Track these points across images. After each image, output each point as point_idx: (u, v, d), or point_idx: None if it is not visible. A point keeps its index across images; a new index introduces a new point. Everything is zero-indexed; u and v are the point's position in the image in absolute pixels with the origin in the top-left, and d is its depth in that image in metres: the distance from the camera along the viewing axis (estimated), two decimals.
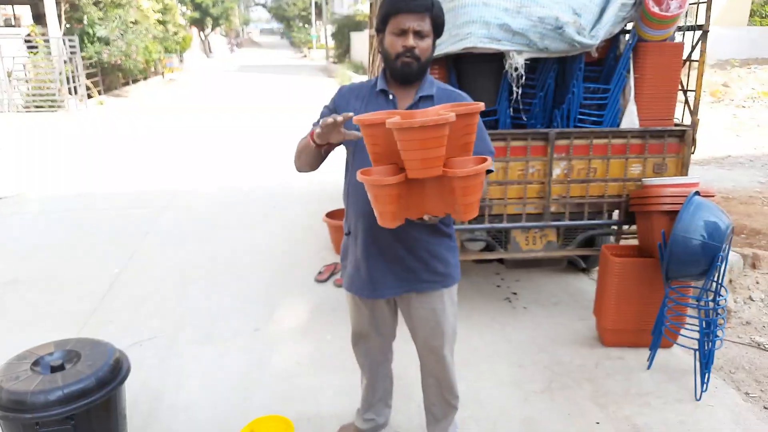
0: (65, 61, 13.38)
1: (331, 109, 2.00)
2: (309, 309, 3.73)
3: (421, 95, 1.91)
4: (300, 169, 2.00)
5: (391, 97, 1.93)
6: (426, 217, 1.73)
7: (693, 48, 3.38)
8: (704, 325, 2.78)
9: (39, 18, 16.07)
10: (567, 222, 3.39)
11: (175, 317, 3.61)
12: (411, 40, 1.82)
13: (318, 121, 2.02)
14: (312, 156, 1.88)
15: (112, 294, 3.96)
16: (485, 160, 1.65)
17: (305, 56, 38.75)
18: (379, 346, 2.30)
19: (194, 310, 3.72)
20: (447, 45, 3.06)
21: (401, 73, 1.87)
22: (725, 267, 2.75)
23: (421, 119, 1.48)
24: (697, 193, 2.84)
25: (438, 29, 1.89)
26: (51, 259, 4.59)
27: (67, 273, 4.31)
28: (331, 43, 31.08)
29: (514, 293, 3.90)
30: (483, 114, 3.36)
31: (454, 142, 1.62)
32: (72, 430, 1.96)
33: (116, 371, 2.13)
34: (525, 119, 3.42)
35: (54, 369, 2.03)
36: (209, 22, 38.43)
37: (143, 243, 4.93)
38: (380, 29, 1.90)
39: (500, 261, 3.87)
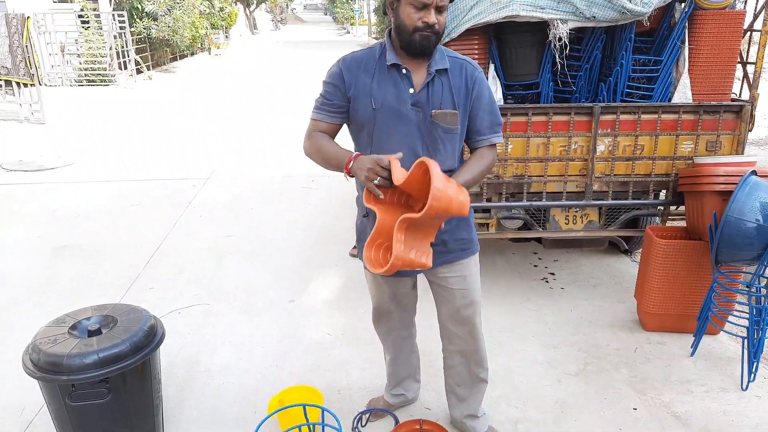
0: (115, 37, 13.70)
1: (341, 88, 1.86)
2: (342, 283, 3.73)
3: (436, 69, 1.82)
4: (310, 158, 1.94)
5: (405, 71, 1.82)
6: (442, 226, 1.76)
7: (755, 17, 3.14)
8: (755, 313, 2.63)
9: None
10: (610, 201, 3.25)
11: (212, 287, 3.69)
12: (432, 17, 1.72)
13: (322, 102, 1.90)
14: (337, 170, 1.84)
15: (154, 262, 4.07)
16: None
17: (348, 32, 38.47)
18: (401, 322, 2.28)
19: (231, 280, 3.79)
20: (487, 13, 2.93)
21: (419, 47, 1.77)
22: None
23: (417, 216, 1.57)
24: (753, 172, 2.66)
25: None
26: (97, 227, 4.75)
27: (111, 241, 4.45)
28: (374, 18, 30.67)
29: (552, 273, 3.80)
30: (524, 87, 3.27)
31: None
32: (107, 392, 2.01)
33: (151, 337, 2.16)
34: (568, 93, 3.27)
35: (91, 333, 2.08)
36: None
37: (184, 214, 5.04)
38: None
39: (538, 240, 3.76)
